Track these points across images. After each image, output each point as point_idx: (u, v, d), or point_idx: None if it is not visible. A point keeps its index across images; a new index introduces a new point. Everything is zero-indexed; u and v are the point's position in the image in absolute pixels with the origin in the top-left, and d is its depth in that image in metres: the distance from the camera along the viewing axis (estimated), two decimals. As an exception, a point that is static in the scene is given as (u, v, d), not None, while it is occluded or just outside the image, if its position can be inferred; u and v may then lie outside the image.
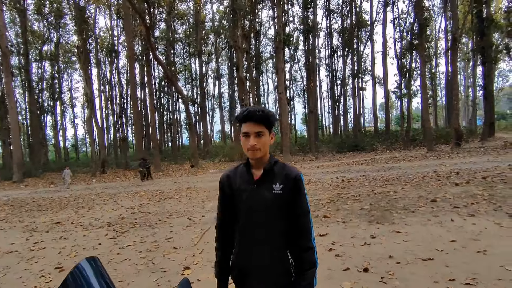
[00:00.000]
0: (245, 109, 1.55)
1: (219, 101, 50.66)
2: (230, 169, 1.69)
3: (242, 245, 1.58)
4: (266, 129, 1.53)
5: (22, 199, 13.43)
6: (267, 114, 1.52)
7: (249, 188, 1.56)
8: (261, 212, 1.52)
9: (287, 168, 1.58)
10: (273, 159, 1.60)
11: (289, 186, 1.52)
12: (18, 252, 5.39)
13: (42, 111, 38.80)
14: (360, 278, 3.38)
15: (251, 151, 1.51)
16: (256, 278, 1.53)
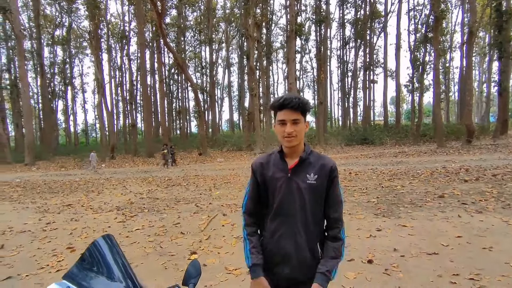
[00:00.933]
0: (281, 96, 1.55)
1: (228, 90, 50.63)
2: (263, 156, 1.68)
3: (272, 233, 1.57)
4: (302, 117, 1.52)
5: (34, 181, 13.75)
6: (303, 101, 1.51)
7: (284, 176, 1.54)
8: (295, 202, 1.52)
9: (323, 158, 1.58)
10: (308, 148, 1.60)
11: (324, 176, 1.52)
12: (31, 232, 5.56)
13: (53, 95, 39.32)
14: (364, 269, 3.42)
15: (288, 138, 1.50)
16: (284, 267, 1.54)
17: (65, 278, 1.06)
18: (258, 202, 1.64)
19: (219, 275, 3.49)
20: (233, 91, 52.02)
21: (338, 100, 46.78)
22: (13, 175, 17.76)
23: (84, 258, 1.14)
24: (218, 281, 3.35)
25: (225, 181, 10.61)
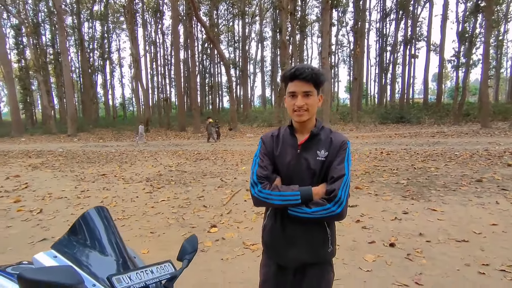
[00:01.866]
0: (293, 66, 1.43)
1: (261, 65, 49.94)
2: (273, 130, 1.59)
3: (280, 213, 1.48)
4: (315, 89, 1.41)
5: (74, 151, 14.61)
6: (317, 72, 1.40)
7: (293, 152, 1.47)
8: (303, 178, 1.42)
9: (334, 135, 1.47)
10: (320, 123, 1.50)
11: (334, 153, 1.41)
12: (67, 198, 5.93)
13: (93, 70, 40.93)
14: (385, 252, 3.28)
15: (298, 112, 1.40)
16: (290, 245, 1.46)
17: (53, 247, 1.06)
18: (272, 170, 1.50)
19: (237, 249, 3.52)
20: (265, 66, 51.31)
21: (375, 76, 44.60)
22: (57, 144, 18.99)
23: (74, 228, 1.13)
24: (235, 255, 3.38)
25: (252, 157, 10.63)
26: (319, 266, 1.49)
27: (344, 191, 1.35)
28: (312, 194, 1.36)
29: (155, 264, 1.10)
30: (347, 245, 3.49)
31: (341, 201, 1.33)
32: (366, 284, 2.73)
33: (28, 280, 0.73)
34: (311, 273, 1.48)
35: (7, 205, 5.58)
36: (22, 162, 11.22)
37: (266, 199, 1.42)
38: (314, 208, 1.34)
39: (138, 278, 0.98)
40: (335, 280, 2.73)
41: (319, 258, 1.47)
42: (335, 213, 1.33)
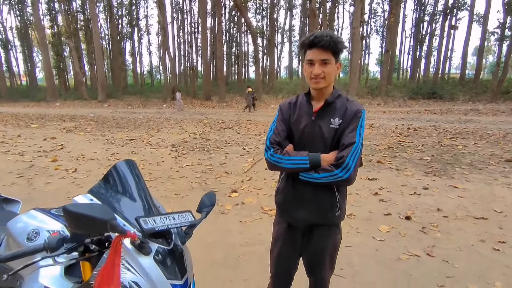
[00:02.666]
0: (311, 33, 1.43)
1: (289, 34, 48.43)
2: (292, 98, 1.63)
3: (292, 176, 1.53)
4: (333, 57, 1.42)
5: (105, 117, 15.24)
6: (336, 40, 1.39)
7: (307, 119, 1.50)
8: (317, 144, 1.47)
9: (350, 103, 1.48)
10: (337, 91, 1.51)
11: (348, 121, 1.43)
12: (98, 160, 6.32)
13: (121, 37, 41.38)
14: (400, 224, 3.34)
15: (315, 80, 1.43)
16: (300, 205, 1.53)
17: (89, 192, 1.20)
18: (285, 137, 1.56)
19: (255, 213, 3.70)
20: (293, 36, 49.75)
21: (409, 48, 42.23)
22: (89, 110, 19.82)
23: (107, 177, 1.27)
24: (253, 219, 3.56)
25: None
26: (327, 228, 1.56)
27: (352, 158, 1.37)
28: (320, 160, 1.41)
29: (177, 212, 1.22)
30: (363, 216, 3.57)
31: (348, 167, 1.36)
32: (378, 252, 2.82)
33: (71, 212, 0.86)
34: (318, 234, 1.57)
35: (46, 163, 6.04)
36: (57, 125, 11.90)
37: (277, 162, 1.48)
38: (323, 174, 1.39)
39: (162, 222, 1.10)
40: (347, 246, 2.87)
41: (327, 220, 1.53)
42: (342, 178, 1.37)
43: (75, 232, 1.00)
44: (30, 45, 42.29)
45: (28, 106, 23.81)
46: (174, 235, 1.16)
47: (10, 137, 9.02)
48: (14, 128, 11.10)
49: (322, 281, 1.69)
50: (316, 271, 1.65)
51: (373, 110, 17.16)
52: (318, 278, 1.68)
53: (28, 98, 30.08)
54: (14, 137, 8.96)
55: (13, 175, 5.26)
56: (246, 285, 2.41)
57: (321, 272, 1.64)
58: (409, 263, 2.64)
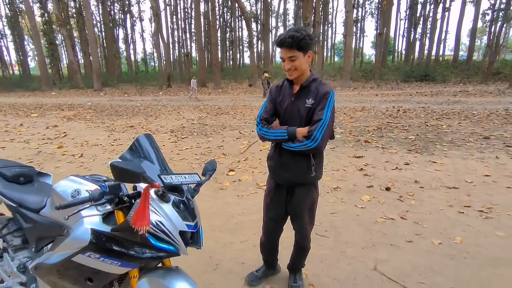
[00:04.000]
0: (278, 35, 1.76)
1: (283, 18, 48.09)
2: (279, 82, 1.98)
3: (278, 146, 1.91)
4: (300, 52, 1.70)
5: (103, 105, 15.44)
6: (297, 38, 1.65)
7: (289, 100, 1.84)
8: (295, 120, 1.81)
9: (322, 86, 1.79)
10: (312, 76, 1.81)
11: (319, 100, 1.75)
12: (102, 145, 6.65)
13: (114, 24, 40.86)
14: (380, 194, 3.75)
15: (288, 72, 1.78)
16: (285, 170, 1.90)
17: (120, 158, 1.56)
18: (272, 114, 1.92)
19: (251, 188, 4.08)
20: (288, 20, 49.41)
21: (404, 31, 42.17)
22: (85, 98, 19.95)
23: (131, 147, 1.63)
24: (249, 193, 3.95)
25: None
26: (305, 186, 1.94)
27: (320, 132, 1.71)
28: (296, 133, 1.77)
29: (187, 173, 1.57)
30: (347, 188, 3.97)
31: (316, 139, 1.71)
32: (358, 217, 3.23)
33: (116, 166, 1.21)
34: (298, 190, 1.95)
35: (52, 150, 6.36)
36: (56, 114, 12.13)
37: (264, 135, 1.87)
38: (297, 144, 1.76)
39: (177, 179, 1.45)
40: (332, 213, 3.29)
41: (305, 180, 1.90)
42: (312, 147, 1.73)
43: (118, 181, 1.35)
44: (21, 34, 41.66)
45: (23, 96, 23.84)
46: (186, 191, 1.52)
47: (13, 126, 9.29)
48: (14, 117, 11.33)
49: (303, 233, 2.08)
50: (298, 222, 2.05)
51: (366, 93, 17.49)
52: (300, 229, 2.07)
53: (22, 88, 30.00)
54: (17, 126, 9.22)
55: (22, 161, 5.57)
56: (244, 245, 2.80)
57: (302, 222, 2.03)
58: (384, 225, 3.05)
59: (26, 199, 1.81)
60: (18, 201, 1.81)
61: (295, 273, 2.26)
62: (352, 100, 13.64)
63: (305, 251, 2.16)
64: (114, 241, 1.40)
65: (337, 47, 60.06)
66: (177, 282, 1.41)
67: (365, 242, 2.77)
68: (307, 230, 2.08)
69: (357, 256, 2.58)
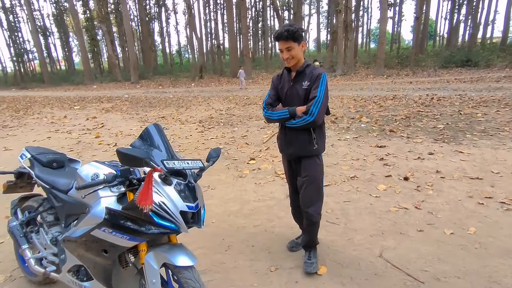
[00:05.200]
0: (276, 31, 2.09)
1: (317, 5, 46.97)
2: (279, 72, 2.31)
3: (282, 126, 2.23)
4: (295, 43, 2.02)
5: (138, 97, 16.19)
6: (292, 32, 1.98)
7: (288, 85, 2.17)
8: (295, 101, 2.12)
9: (315, 70, 2.09)
10: (305, 63, 2.12)
11: (313, 82, 2.05)
12: (135, 135, 7.07)
13: (150, 18, 42.21)
14: (398, 184, 3.72)
15: (286, 61, 2.10)
16: (290, 145, 2.19)
17: (131, 145, 1.75)
18: (275, 100, 2.26)
19: (269, 176, 4.21)
20: (321, 7, 48.18)
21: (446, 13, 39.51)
22: (123, 91, 20.99)
23: (141, 135, 1.81)
24: (267, 181, 4.08)
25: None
26: (310, 158, 2.19)
27: (316, 107, 1.99)
28: (296, 111, 2.07)
29: (191, 159, 1.73)
30: (365, 177, 3.97)
31: (312, 113, 1.99)
32: (371, 205, 3.26)
33: (121, 152, 1.39)
34: (304, 162, 2.20)
35: (90, 139, 6.89)
36: (96, 106, 12.96)
37: (270, 116, 2.20)
38: (297, 120, 2.06)
39: (179, 164, 1.61)
40: (345, 201, 3.37)
41: (308, 153, 2.16)
42: (309, 121, 2.01)
43: (124, 165, 1.55)
44: (66, 31, 44.37)
45: (68, 89, 25.55)
46: (189, 175, 1.68)
47: (58, 118, 10.09)
48: (59, 110, 12.27)
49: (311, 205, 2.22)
50: (305, 193, 2.22)
51: (400, 81, 16.79)
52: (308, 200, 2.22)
53: (68, 82, 32.11)
54: (61, 118, 10.01)
55: (65, 150, 6.10)
56: (256, 229, 2.95)
57: (308, 193, 2.21)
58: (397, 214, 3.06)
59: (57, 182, 2.07)
60: (51, 183, 2.08)
61: (309, 251, 2.39)
62: (384, 89, 13.20)
63: (313, 225, 2.29)
64: (125, 218, 1.60)
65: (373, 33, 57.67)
66: (179, 256, 1.58)
67: (374, 230, 2.81)
68: (315, 202, 2.24)
69: (364, 243, 2.63)
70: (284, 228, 2.92)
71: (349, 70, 20.81)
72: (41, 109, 12.56)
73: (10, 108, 13.62)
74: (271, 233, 2.88)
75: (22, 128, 8.65)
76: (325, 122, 2.25)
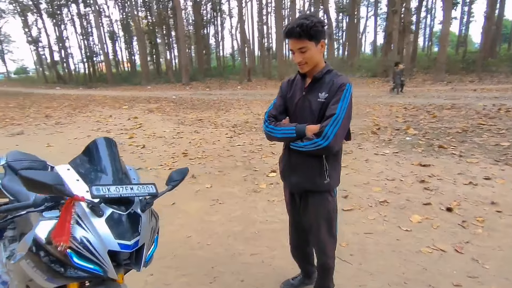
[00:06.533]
0: (286, 25, 1.61)
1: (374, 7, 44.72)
2: (292, 76, 1.79)
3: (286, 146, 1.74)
4: (311, 42, 1.51)
5: (184, 99, 16.56)
6: (306, 27, 1.47)
7: (300, 94, 1.66)
8: (306, 117, 1.62)
9: (337, 78, 1.57)
10: (326, 68, 1.61)
11: (332, 94, 1.54)
12: (165, 138, 7.04)
13: (207, 21, 43.64)
14: (437, 216, 3.05)
15: (299, 66, 1.59)
16: (294, 174, 1.71)
17: (69, 163, 1.46)
18: (281, 111, 1.75)
19: (285, 194, 3.76)
20: (379, 8, 45.75)
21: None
22: (172, 92, 21.73)
23: (86, 151, 1.52)
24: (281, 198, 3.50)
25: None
26: (319, 194, 1.70)
27: (331, 128, 1.49)
28: (305, 131, 1.56)
29: (141, 183, 1.39)
30: (397, 203, 3.34)
31: (327, 136, 1.49)
32: (398, 242, 2.66)
33: (24, 177, 1.10)
34: (312, 199, 1.72)
35: (124, 140, 6.99)
36: (142, 106, 13.44)
37: (270, 132, 1.70)
38: (306, 142, 1.55)
39: (116, 190, 1.28)
40: (366, 233, 2.80)
41: (317, 187, 1.66)
42: (322, 146, 1.51)
43: (30, 191, 1.26)
44: (131, 35, 47.67)
45: (126, 89, 27.21)
46: (136, 203, 1.34)
47: (104, 117, 10.58)
48: (109, 109, 12.94)
49: (322, 249, 1.80)
50: (314, 236, 1.79)
51: (462, 88, 14.99)
52: (318, 244, 1.81)
53: (128, 82, 34.30)
54: (107, 117, 10.48)
55: (96, 149, 6.24)
56: (252, 259, 2.55)
57: (319, 237, 1.76)
58: (429, 257, 2.44)
59: (20, 193, 1.87)
60: (15, 194, 1.89)
61: None
62: (442, 96, 11.85)
63: (326, 270, 1.89)
64: (46, 253, 1.31)
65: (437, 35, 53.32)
66: None
67: (396, 276, 2.25)
68: (326, 246, 1.80)
69: (378, 293, 2.10)
70: (284, 261, 2.47)
71: (405, 75, 19.22)
72: (94, 108, 13.36)
73: (71, 106, 14.72)
74: (268, 266, 2.46)
75: (71, 126, 9.16)
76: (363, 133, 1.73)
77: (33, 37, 42.94)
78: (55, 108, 13.87)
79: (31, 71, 66.64)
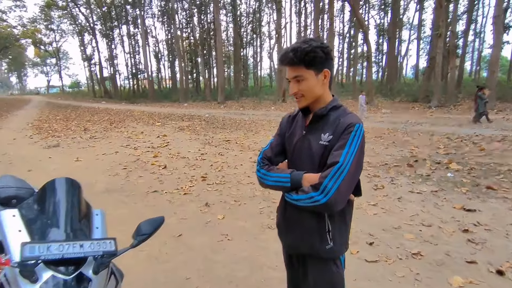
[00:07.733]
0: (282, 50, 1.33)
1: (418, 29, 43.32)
2: (295, 111, 1.48)
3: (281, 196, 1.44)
4: (308, 71, 1.25)
5: (216, 117, 16.67)
6: (301, 52, 1.22)
7: (300, 133, 1.37)
8: (304, 162, 1.32)
9: (345, 116, 1.28)
10: (332, 103, 1.31)
11: (337, 136, 1.24)
12: (188, 159, 6.91)
13: (245, 43, 44.78)
14: (485, 280, 2.50)
15: (296, 99, 1.32)
16: (288, 229, 1.41)
17: (17, 207, 1.23)
18: (278, 152, 1.44)
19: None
20: (423, 32, 44.26)
21: None
22: (207, 110, 22.10)
23: (39, 194, 1.29)
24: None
25: (377, 136, 9.63)
26: (321, 262, 1.34)
27: (332, 180, 1.16)
28: (302, 180, 1.25)
29: (99, 239, 1.13)
30: (434, 258, 2.82)
31: (327, 191, 1.16)
32: (432, 312, 2.17)
33: None
34: (311, 268, 1.36)
35: (148, 158, 6.96)
36: (174, 124, 13.65)
37: (262, 178, 1.39)
38: (300, 196, 1.23)
39: (58, 250, 1.02)
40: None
41: (317, 253, 1.32)
42: (320, 202, 1.17)
43: None
44: (174, 54, 50.08)
45: (164, 106, 28.17)
46: (88, 262, 1.08)
47: (136, 133, 10.80)
48: (143, 125, 13.27)
49: None
50: None
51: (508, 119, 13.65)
52: None
53: (168, 99, 35.65)
54: (138, 134, 10.68)
55: (120, 167, 6.24)
56: (251, 316, 2.19)
57: None
58: None
59: None
60: None
61: None
62: (491, 126, 10.80)
63: None
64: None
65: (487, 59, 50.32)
66: None
67: None
68: None
69: None
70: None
71: (449, 101, 17.96)
72: (129, 123, 13.79)
73: (109, 120, 15.35)
74: (269, 329, 2.08)
75: (104, 140, 9.41)
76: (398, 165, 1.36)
77: (87, 54, 46.56)
78: (95, 121, 14.52)
79: (83, 85, 71.94)
